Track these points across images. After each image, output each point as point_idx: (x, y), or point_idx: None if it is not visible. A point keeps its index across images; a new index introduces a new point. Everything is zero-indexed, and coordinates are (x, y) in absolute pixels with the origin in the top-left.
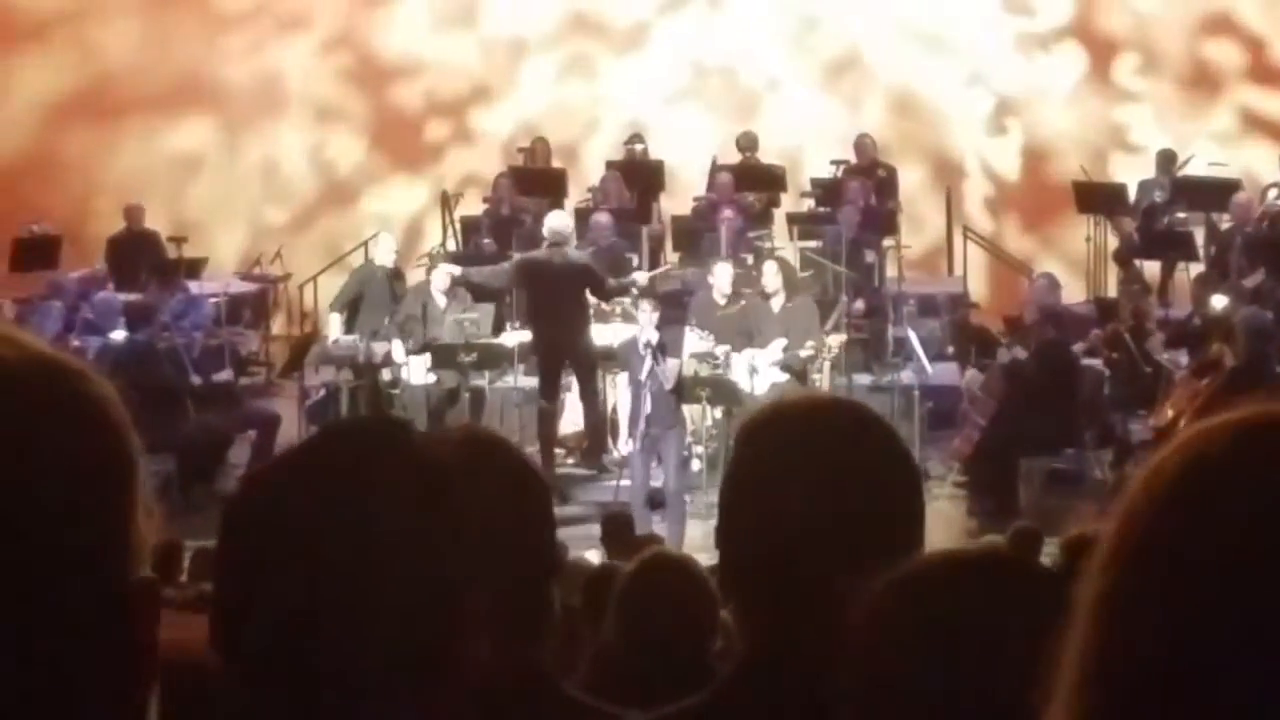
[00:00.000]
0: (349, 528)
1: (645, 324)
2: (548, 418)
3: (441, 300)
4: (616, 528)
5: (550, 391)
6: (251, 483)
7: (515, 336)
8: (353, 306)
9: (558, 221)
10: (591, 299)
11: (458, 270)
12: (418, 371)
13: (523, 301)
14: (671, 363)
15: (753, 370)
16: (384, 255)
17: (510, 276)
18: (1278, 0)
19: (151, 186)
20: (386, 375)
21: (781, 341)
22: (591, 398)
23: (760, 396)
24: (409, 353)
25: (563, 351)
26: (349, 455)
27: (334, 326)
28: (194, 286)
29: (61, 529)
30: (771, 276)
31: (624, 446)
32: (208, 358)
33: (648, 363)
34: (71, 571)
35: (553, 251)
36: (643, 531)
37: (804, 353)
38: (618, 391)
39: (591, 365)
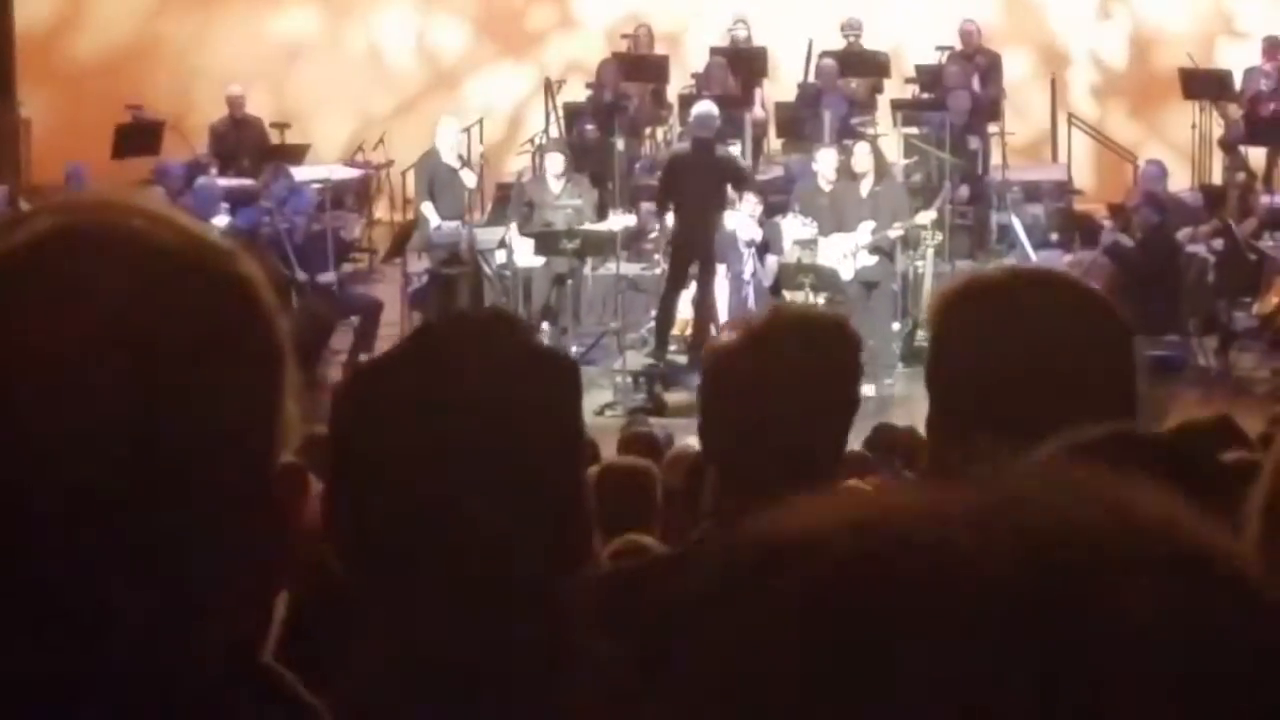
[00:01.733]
0: (465, 418)
1: (747, 219)
2: (669, 306)
3: (556, 186)
4: None
5: (679, 281)
6: (364, 375)
7: (619, 221)
8: (433, 194)
9: (705, 110)
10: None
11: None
12: (525, 256)
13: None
14: (770, 260)
15: (842, 254)
16: (445, 144)
17: (664, 180)
18: None
19: (254, 73)
20: (501, 258)
21: (870, 224)
22: (708, 289)
23: (849, 281)
24: (523, 233)
25: (699, 243)
26: (459, 347)
27: (431, 215)
28: (297, 173)
29: (216, 405)
30: (863, 158)
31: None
32: (310, 244)
33: (749, 259)
34: (222, 448)
35: (698, 144)
36: None
37: (892, 234)
38: (716, 283)
39: (715, 258)
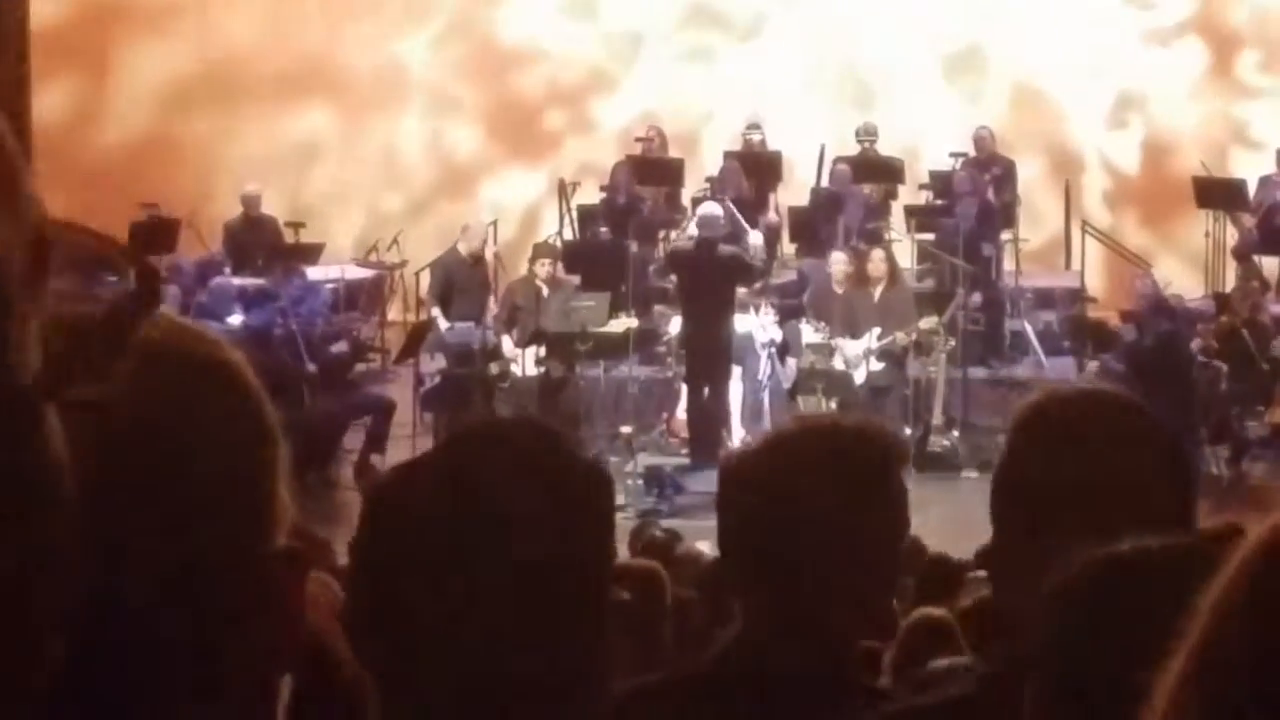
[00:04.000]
0: (494, 538)
1: (766, 322)
2: (694, 407)
3: (545, 290)
4: None
5: (697, 381)
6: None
7: (627, 323)
8: (446, 297)
9: (709, 211)
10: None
11: None
12: (527, 363)
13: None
14: (790, 363)
15: (848, 361)
16: (471, 244)
17: (664, 271)
18: None
19: (270, 172)
20: (494, 369)
21: (876, 330)
22: (719, 391)
23: (860, 385)
24: (517, 344)
25: (708, 342)
26: (493, 463)
27: (440, 318)
28: (311, 273)
29: (213, 491)
30: (878, 263)
31: (736, 439)
32: (324, 344)
33: (766, 362)
34: (220, 532)
35: (702, 243)
36: None
37: (900, 339)
38: (731, 385)
39: (730, 359)
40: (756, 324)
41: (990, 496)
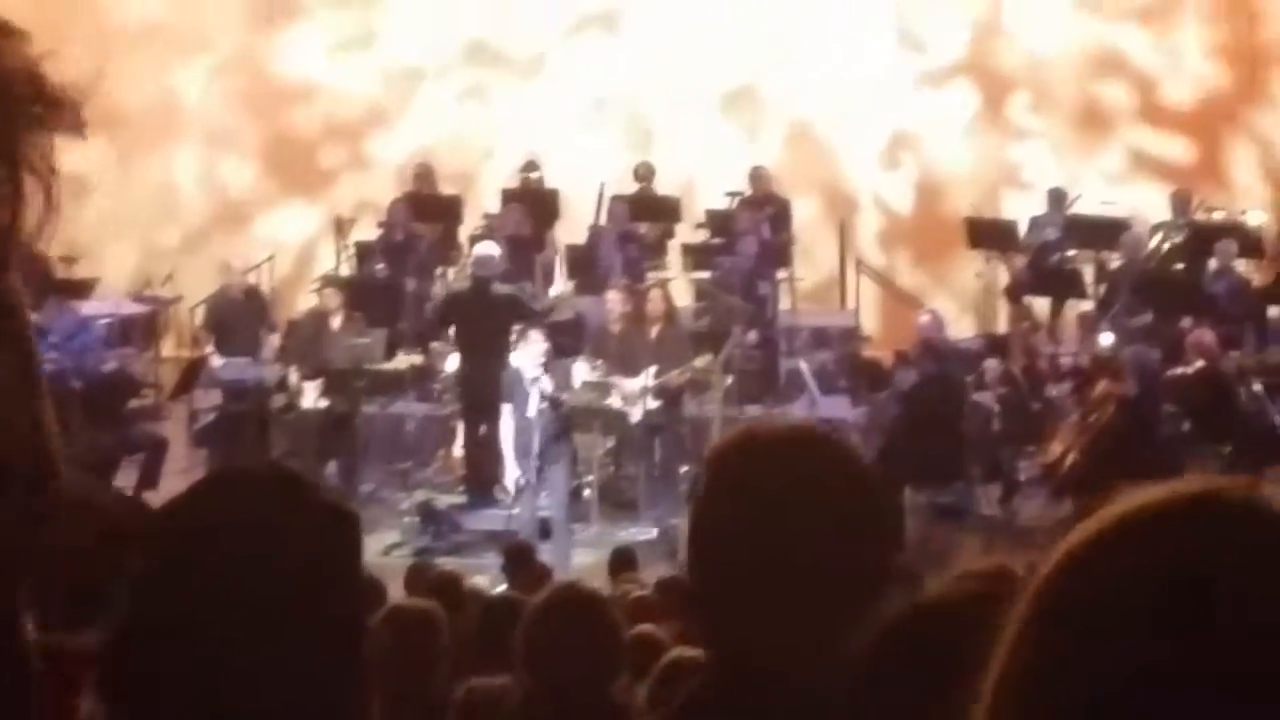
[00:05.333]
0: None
1: (533, 357)
2: (471, 445)
3: (335, 323)
4: (518, 557)
5: (474, 420)
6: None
7: (406, 360)
8: (220, 332)
9: (485, 252)
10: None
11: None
12: (310, 396)
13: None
14: (564, 400)
15: (625, 398)
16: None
17: (439, 316)
18: (1168, 41)
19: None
20: (280, 400)
21: (652, 369)
22: (492, 429)
23: (637, 423)
24: (303, 377)
25: (484, 382)
26: (234, 504)
27: (214, 354)
28: (84, 308)
29: None
30: (655, 302)
31: (510, 476)
32: (96, 380)
33: (534, 396)
34: None
35: (477, 283)
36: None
37: (676, 378)
38: (502, 421)
39: (501, 397)
40: (524, 359)
41: (687, 536)
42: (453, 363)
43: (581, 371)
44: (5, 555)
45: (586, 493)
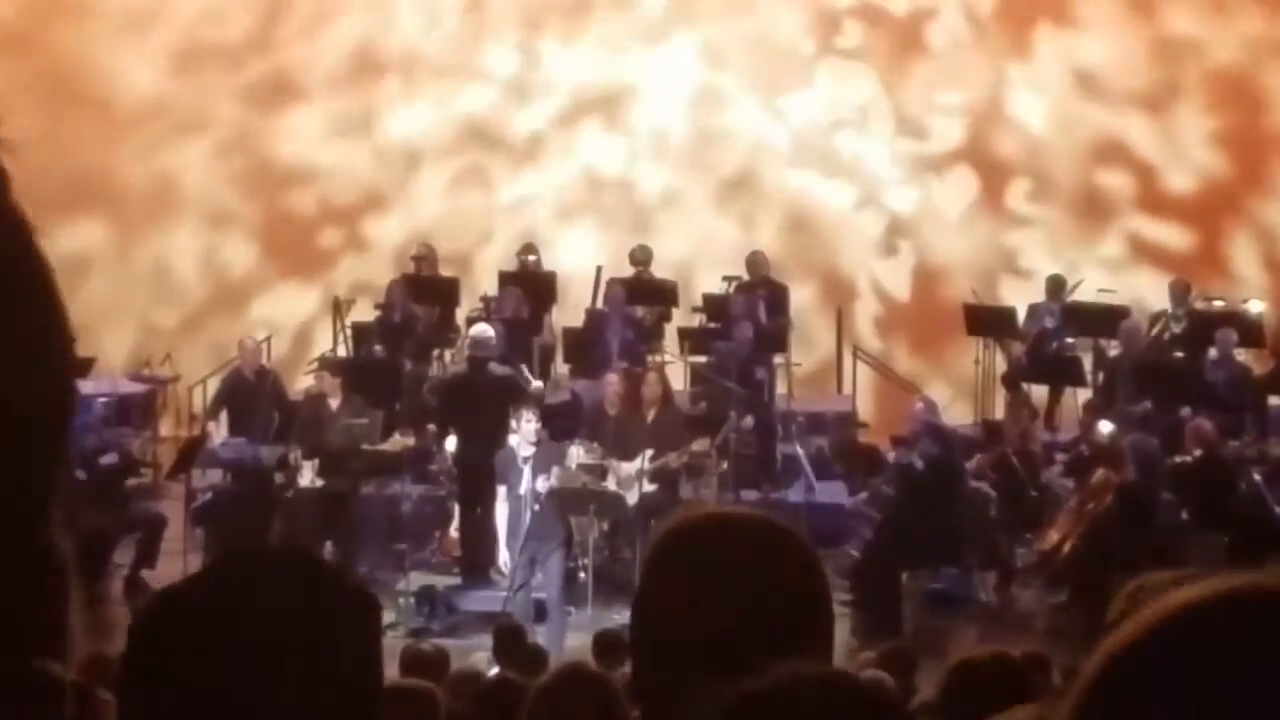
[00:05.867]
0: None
1: (526, 437)
2: (467, 527)
3: (334, 404)
4: (509, 638)
5: (471, 502)
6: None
7: (401, 442)
8: (230, 410)
9: (482, 332)
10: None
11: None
12: (307, 476)
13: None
14: (553, 472)
15: (620, 482)
16: (248, 359)
17: (439, 400)
18: (1168, 130)
19: None
20: (279, 479)
21: (648, 452)
22: (488, 510)
23: (631, 507)
24: (304, 457)
25: (482, 463)
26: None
27: (216, 432)
28: (82, 386)
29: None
30: (652, 386)
31: (503, 557)
32: (95, 458)
33: (526, 477)
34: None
35: (474, 364)
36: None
37: (672, 462)
38: (496, 502)
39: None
40: (518, 439)
41: (629, 624)
42: (451, 444)
43: (577, 454)
44: (40, 432)
45: (581, 575)
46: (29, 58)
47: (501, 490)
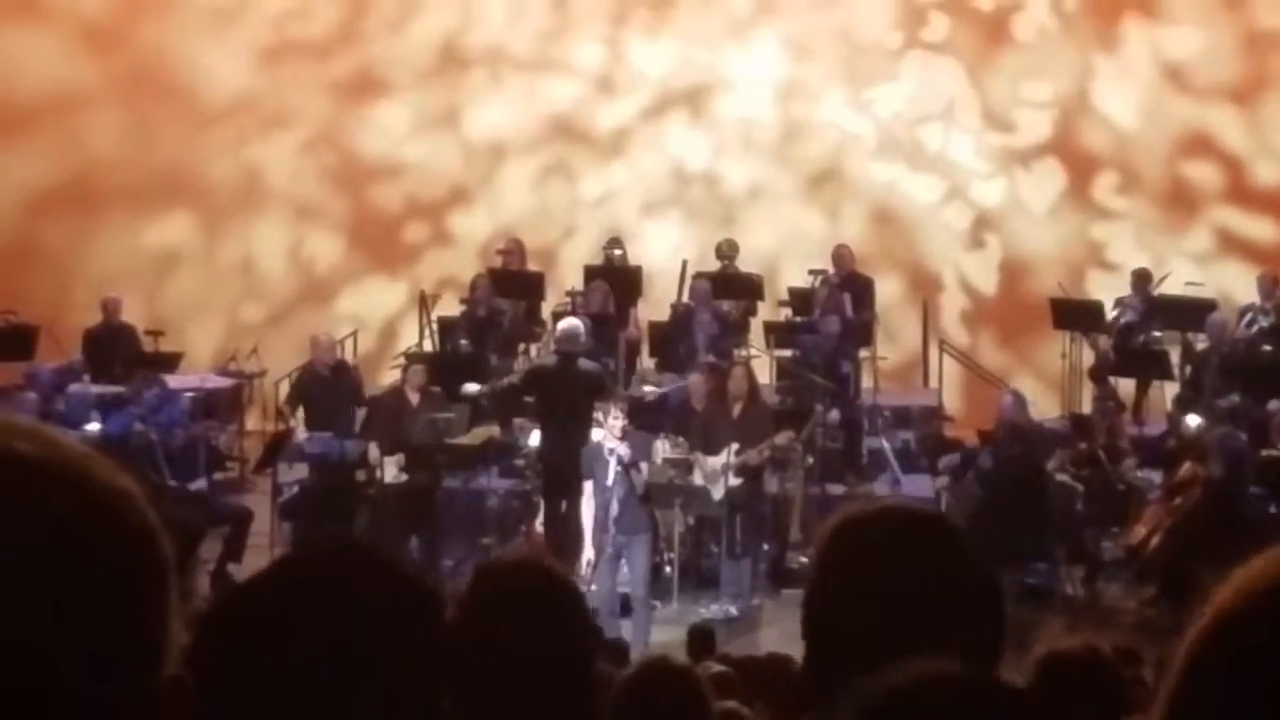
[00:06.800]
0: (326, 656)
1: (612, 431)
2: (551, 522)
3: (415, 399)
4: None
5: (555, 496)
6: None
7: (485, 433)
8: (306, 407)
9: (570, 326)
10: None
11: (474, 388)
12: (391, 471)
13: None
14: (644, 468)
15: (706, 476)
16: (320, 355)
17: (521, 385)
18: (1256, 122)
19: (130, 280)
20: (361, 475)
21: (734, 446)
22: (573, 507)
23: (718, 501)
24: (384, 453)
25: (566, 458)
26: (327, 583)
27: (300, 427)
28: (170, 381)
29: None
30: (738, 381)
31: (589, 552)
32: (182, 453)
33: (613, 470)
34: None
35: (563, 359)
36: (609, 637)
37: (756, 457)
38: (583, 497)
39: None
40: (603, 432)
41: (801, 619)
42: (535, 438)
43: (663, 448)
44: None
45: (667, 569)
46: (117, 54)
47: (588, 486)
